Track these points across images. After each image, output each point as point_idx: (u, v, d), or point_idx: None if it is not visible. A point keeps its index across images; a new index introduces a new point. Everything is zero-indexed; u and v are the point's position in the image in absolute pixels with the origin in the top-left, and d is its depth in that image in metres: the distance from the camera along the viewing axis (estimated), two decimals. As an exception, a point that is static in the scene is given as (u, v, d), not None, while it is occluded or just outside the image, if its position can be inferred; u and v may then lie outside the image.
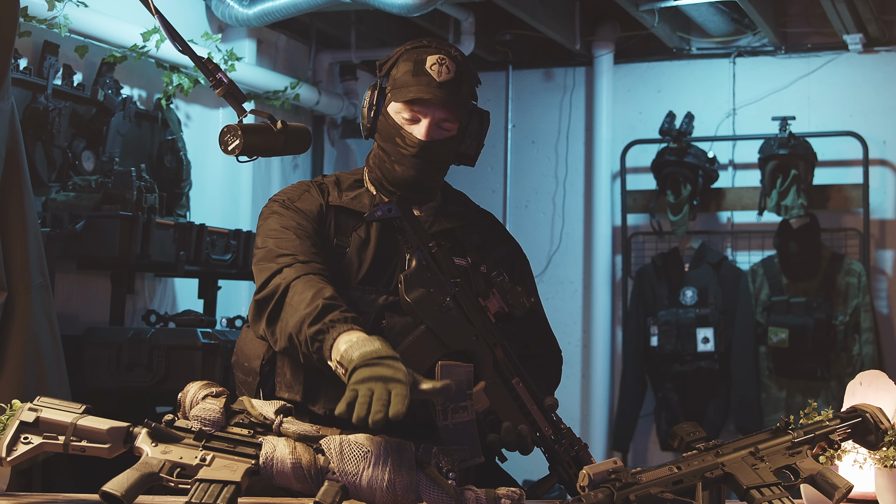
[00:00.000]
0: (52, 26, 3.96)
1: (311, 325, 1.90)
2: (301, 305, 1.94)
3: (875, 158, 5.72)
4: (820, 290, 5.49)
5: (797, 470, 1.76)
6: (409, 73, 2.13)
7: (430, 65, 2.12)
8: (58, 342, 2.70)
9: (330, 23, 5.82)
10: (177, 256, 4.10)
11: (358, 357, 1.79)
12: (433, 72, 2.12)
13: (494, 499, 1.68)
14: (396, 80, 2.15)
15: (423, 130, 2.13)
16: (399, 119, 2.14)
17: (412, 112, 2.13)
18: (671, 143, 5.73)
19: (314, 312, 1.91)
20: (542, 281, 6.23)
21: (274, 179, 5.64)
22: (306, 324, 1.91)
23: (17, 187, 2.58)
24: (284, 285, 1.99)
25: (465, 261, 2.13)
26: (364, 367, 1.76)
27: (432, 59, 2.12)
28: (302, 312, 1.92)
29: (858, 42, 5.59)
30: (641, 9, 5.31)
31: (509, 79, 6.42)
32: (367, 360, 1.77)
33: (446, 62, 2.13)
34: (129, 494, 1.66)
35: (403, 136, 2.13)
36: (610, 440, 5.97)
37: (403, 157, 2.14)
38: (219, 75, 2.09)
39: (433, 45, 2.17)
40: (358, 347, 1.81)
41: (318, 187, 2.20)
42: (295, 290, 1.97)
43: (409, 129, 2.13)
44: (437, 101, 2.11)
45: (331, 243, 2.14)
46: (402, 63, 2.15)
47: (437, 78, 2.11)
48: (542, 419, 1.99)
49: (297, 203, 2.15)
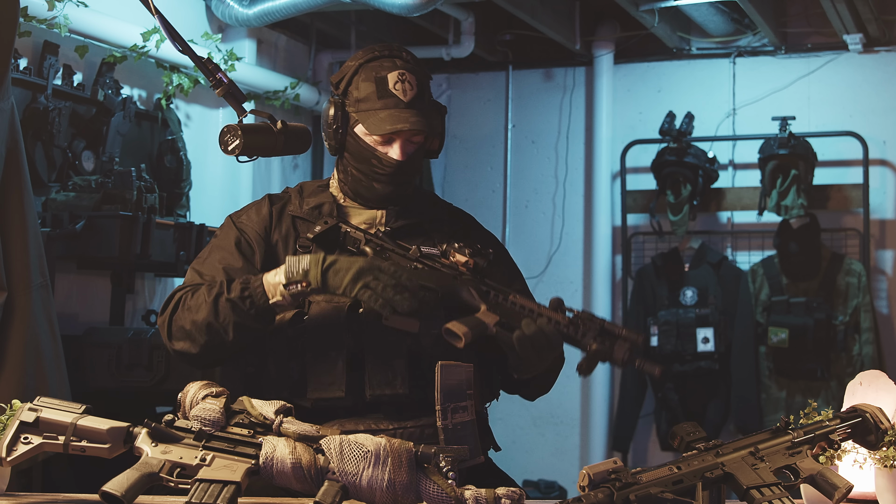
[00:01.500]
0: (52, 26, 3.96)
1: (229, 294, 1.99)
2: (199, 300, 2.03)
3: (875, 158, 5.72)
4: (820, 290, 5.49)
5: (797, 470, 1.76)
6: (373, 94, 2.12)
7: (392, 84, 2.11)
8: (58, 342, 2.70)
9: (330, 23, 5.82)
10: (177, 256, 4.11)
11: (311, 264, 1.93)
12: (398, 91, 2.11)
13: (494, 499, 1.68)
14: (360, 101, 2.14)
15: (398, 151, 2.14)
16: (370, 141, 2.15)
17: (384, 136, 2.14)
18: (671, 143, 5.73)
19: (221, 289, 2.02)
20: (542, 281, 6.23)
21: (274, 179, 5.64)
22: (223, 299, 1.99)
23: (17, 187, 2.58)
24: (177, 299, 2.07)
25: (437, 249, 2.14)
26: (329, 270, 1.93)
27: (393, 77, 2.12)
28: (207, 300, 2.01)
29: (858, 42, 5.59)
30: (641, 9, 5.31)
31: (509, 79, 6.41)
32: (325, 265, 1.93)
33: (407, 77, 2.12)
34: (129, 494, 1.66)
35: (379, 157, 2.14)
36: (610, 440, 5.97)
37: (381, 177, 2.16)
38: (219, 75, 2.10)
39: (385, 54, 2.15)
40: (296, 263, 1.95)
41: (270, 201, 2.22)
42: (187, 298, 2.06)
43: (383, 150, 2.14)
44: (413, 127, 2.11)
45: (289, 250, 2.15)
46: (363, 82, 2.14)
47: (403, 98, 2.11)
48: (552, 312, 2.01)
49: (242, 217, 2.20)
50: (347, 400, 2.07)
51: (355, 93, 2.15)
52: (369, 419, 2.07)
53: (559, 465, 5.96)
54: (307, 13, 5.01)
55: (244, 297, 2.00)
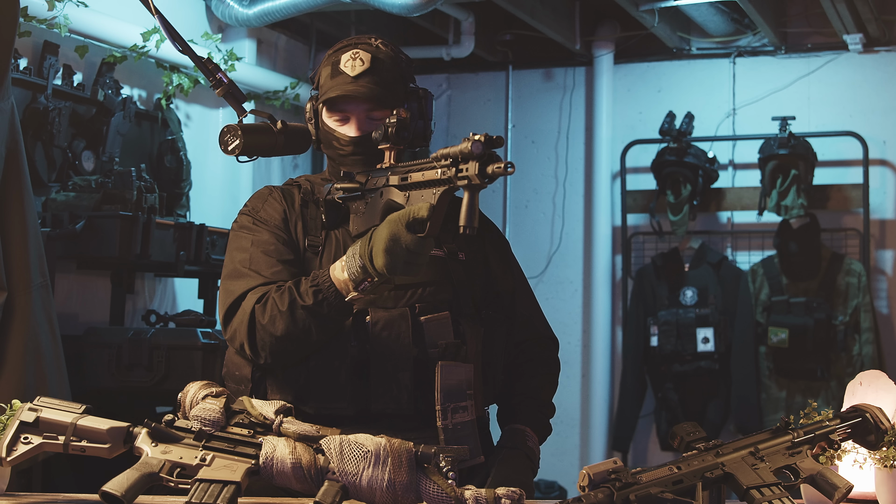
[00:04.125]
0: (52, 26, 3.96)
1: (304, 302, 1.97)
2: (273, 312, 2.00)
3: (875, 158, 5.72)
4: (820, 290, 5.49)
5: (797, 470, 1.76)
6: (328, 77, 2.15)
7: (344, 63, 2.14)
8: (58, 342, 2.71)
9: (330, 23, 5.82)
10: (177, 256, 4.11)
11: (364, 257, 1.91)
12: (347, 68, 2.13)
13: (494, 499, 1.68)
14: (321, 87, 2.17)
15: (352, 128, 2.14)
16: (332, 123, 2.16)
17: (340, 113, 2.14)
18: (671, 143, 5.73)
19: (293, 296, 1.99)
20: (542, 281, 6.23)
21: (274, 179, 5.64)
22: (299, 308, 1.97)
23: (17, 187, 2.58)
24: (249, 312, 2.02)
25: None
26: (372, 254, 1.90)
27: (346, 57, 2.14)
28: (281, 310, 1.99)
29: (858, 42, 5.59)
30: (641, 9, 5.31)
31: (509, 79, 6.42)
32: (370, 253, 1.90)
33: (359, 55, 2.14)
34: (129, 494, 1.65)
35: (338, 137, 2.15)
36: (610, 440, 5.97)
37: (343, 158, 2.16)
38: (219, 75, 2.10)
39: (350, 43, 2.18)
40: (353, 261, 1.93)
41: (280, 192, 2.20)
42: (259, 313, 2.02)
43: (341, 131, 2.15)
44: (352, 94, 2.11)
45: (301, 244, 2.14)
46: (323, 69, 2.18)
47: (350, 73, 2.12)
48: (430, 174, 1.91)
49: (260, 213, 2.16)
50: (350, 410, 2.06)
51: (319, 80, 2.18)
52: (372, 429, 2.06)
53: (559, 465, 5.96)
54: (307, 13, 5.01)
55: (319, 302, 1.97)
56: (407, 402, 2.05)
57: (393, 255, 1.87)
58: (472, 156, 1.78)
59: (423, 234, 1.87)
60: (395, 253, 1.87)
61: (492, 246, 2.28)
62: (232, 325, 2.04)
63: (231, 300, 2.05)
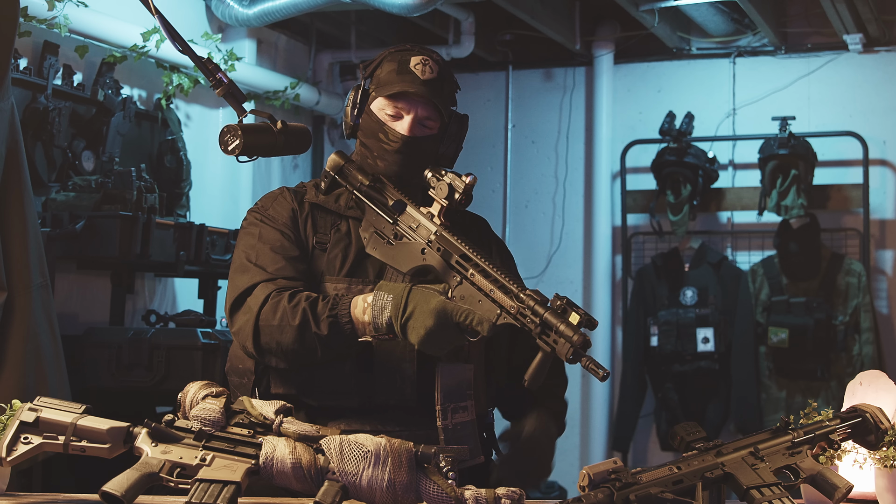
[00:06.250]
0: (52, 26, 3.96)
1: (318, 329, 1.98)
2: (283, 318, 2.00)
3: (875, 158, 5.72)
4: (820, 290, 5.49)
5: (797, 470, 1.76)
6: (393, 71, 2.16)
7: (413, 64, 2.16)
8: (58, 342, 2.71)
9: (330, 23, 5.82)
10: (177, 256, 4.11)
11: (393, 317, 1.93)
12: (417, 70, 2.15)
13: (494, 499, 1.68)
14: (380, 79, 2.18)
15: (405, 126, 2.15)
16: (382, 115, 2.17)
17: (395, 108, 2.16)
18: (671, 143, 5.73)
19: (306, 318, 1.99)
20: (542, 281, 6.23)
21: (274, 179, 5.64)
22: (311, 332, 1.98)
23: (17, 187, 2.58)
24: (255, 313, 2.03)
25: None
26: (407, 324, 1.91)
27: (416, 60, 2.17)
28: (292, 323, 1.99)
29: (858, 42, 5.59)
30: (641, 9, 5.31)
31: (509, 79, 6.41)
32: (404, 318, 1.92)
33: (429, 63, 2.17)
34: (129, 494, 1.65)
35: (386, 131, 2.15)
36: (610, 440, 5.97)
37: (386, 153, 2.16)
38: (219, 75, 2.09)
39: (416, 49, 2.21)
40: (380, 313, 1.94)
41: (291, 192, 2.22)
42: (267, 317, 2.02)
43: (392, 125, 2.16)
44: (421, 95, 2.14)
45: (310, 242, 2.16)
46: (386, 63, 2.19)
47: (420, 76, 2.15)
48: (503, 297, 1.90)
49: (269, 211, 2.18)
50: (354, 402, 2.07)
51: (378, 73, 2.19)
52: (375, 421, 2.07)
53: (559, 465, 5.90)
54: (307, 13, 5.01)
55: (333, 335, 1.99)
56: (410, 394, 2.07)
57: (432, 339, 1.91)
58: (571, 341, 1.79)
59: (473, 339, 1.93)
60: (436, 341, 1.91)
61: (499, 256, 2.30)
62: (237, 322, 2.06)
63: (236, 294, 2.07)
